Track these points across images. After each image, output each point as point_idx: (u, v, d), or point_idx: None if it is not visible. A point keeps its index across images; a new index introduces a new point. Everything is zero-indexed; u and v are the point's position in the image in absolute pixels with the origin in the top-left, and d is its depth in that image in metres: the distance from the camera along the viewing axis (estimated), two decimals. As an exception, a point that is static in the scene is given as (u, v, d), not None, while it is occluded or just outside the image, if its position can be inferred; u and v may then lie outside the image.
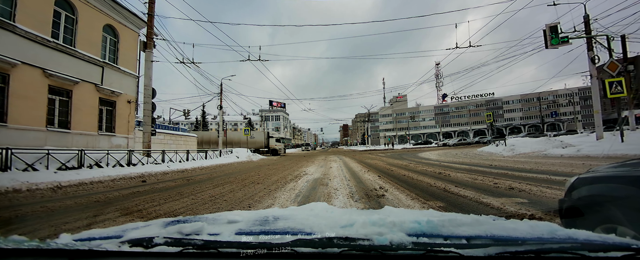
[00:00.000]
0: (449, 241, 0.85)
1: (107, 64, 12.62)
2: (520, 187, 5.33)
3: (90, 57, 11.80)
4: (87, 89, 11.74)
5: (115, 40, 13.30)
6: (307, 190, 5.91)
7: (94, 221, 3.69)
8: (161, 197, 5.43)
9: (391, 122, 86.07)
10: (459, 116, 77.52)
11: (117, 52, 13.34)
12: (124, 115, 13.59)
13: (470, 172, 7.96)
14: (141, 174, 8.57)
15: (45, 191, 5.99)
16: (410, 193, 5.19)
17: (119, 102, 13.30)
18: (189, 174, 10.05)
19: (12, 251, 0.76)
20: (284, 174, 9.24)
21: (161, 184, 7.40)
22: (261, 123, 77.11)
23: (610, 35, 11.83)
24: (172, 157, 12.89)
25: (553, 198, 4.23)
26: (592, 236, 0.86)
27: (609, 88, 9.68)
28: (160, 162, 11.35)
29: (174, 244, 0.82)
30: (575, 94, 69.24)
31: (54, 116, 10.54)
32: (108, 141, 12.58)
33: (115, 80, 13.05)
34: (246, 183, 7.36)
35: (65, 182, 6.55)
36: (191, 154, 14.40)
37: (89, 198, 5.37)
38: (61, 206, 4.80)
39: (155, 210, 4.28)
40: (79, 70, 11.37)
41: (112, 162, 9.30)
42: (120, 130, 13.34)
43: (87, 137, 11.61)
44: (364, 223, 0.94)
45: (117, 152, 9.93)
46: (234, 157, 17.78)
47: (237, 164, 15.57)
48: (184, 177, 8.80)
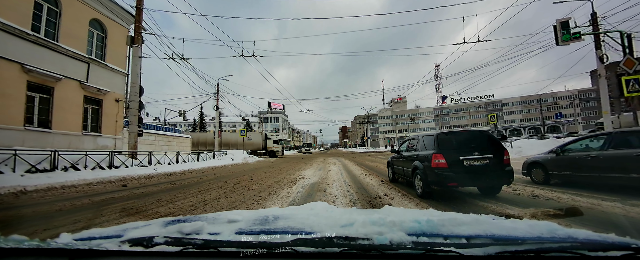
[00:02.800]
0: (448, 240, 0.85)
1: (93, 60, 11.93)
2: (544, 194, 4.81)
3: (75, 53, 11.11)
4: (71, 86, 11.04)
5: (103, 36, 12.62)
6: (302, 198, 5.24)
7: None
8: (135, 205, 4.74)
9: (390, 124, 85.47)
10: (458, 118, 76.98)
11: (104, 49, 12.64)
12: (112, 115, 12.88)
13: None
14: (122, 177, 7.87)
15: (5, 197, 5.29)
16: (421, 202, 4.52)
17: (106, 101, 12.58)
18: (176, 177, 9.34)
19: (12, 250, 0.76)
20: (278, 178, 8.56)
21: (142, 189, 6.71)
22: (259, 124, 76.47)
23: (622, 32, 11.24)
24: (161, 159, 12.16)
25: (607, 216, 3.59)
26: (592, 235, 0.87)
27: (626, 86, 9.07)
28: (146, 165, 10.63)
29: (174, 243, 0.82)
30: (576, 96, 68.92)
31: (33, 114, 9.82)
32: (93, 142, 11.86)
33: (102, 77, 12.35)
34: (235, 188, 6.69)
35: (31, 186, 5.84)
36: (182, 155, 13.66)
37: (51, 206, 4.67)
38: (15, 215, 4.12)
39: (119, 223, 3.60)
40: (63, 66, 10.68)
41: (91, 164, 8.57)
42: (107, 130, 12.62)
43: (70, 137, 10.89)
44: (364, 222, 0.95)
45: (97, 154, 9.19)
46: (229, 159, 17.07)
47: (232, 166, 14.86)
48: (169, 181, 8.11)
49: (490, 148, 4.56)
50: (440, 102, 78.48)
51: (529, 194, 4.83)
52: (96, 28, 12.36)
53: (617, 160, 4.53)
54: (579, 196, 4.52)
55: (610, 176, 4.60)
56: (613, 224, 3.00)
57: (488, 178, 4.45)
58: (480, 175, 4.39)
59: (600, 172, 4.74)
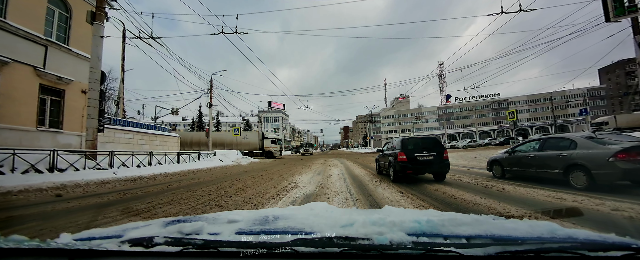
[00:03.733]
0: (449, 241, 0.85)
1: (53, 43, 10.13)
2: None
3: (29, 33, 9.31)
4: (22, 72, 9.23)
5: (67, 16, 10.82)
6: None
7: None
8: (45, 227, 2.90)
9: (393, 124, 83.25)
10: (463, 117, 74.69)
11: (68, 31, 10.85)
12: (77, 108, 11.08)
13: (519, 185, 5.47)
14: (61, 184, 6.04)
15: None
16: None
17: (70, 91, 10.79)
18: (139, 183, 7.50)
19: (12, 251, 0.76)
20: (265, 187, 6.72)
21: (76, 201, 4.90)
22: (258, 124, 74.69)
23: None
24: (128, 161, 10.30)
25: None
26: (592, 235, 0.87)
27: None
28: (106, 168, 8.79)
29: (174, 243, 0.82)
30: (585, 94, 66.45)
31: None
32: (52, 139, 10.06)
33: (65, 64, 10.56)
34: (206, 201, 4.88)
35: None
36: (157, 156, 11.77)
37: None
38: None
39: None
40: (11, 47, 8.88)
41: (23, 166, 6.76)
42: (70, 126, 10.82)
43: (20, 134, 9.09)
44: (364, 222, 0.95)
45: (32, 153, 7.32)
46: (217, 160, 15.21)
47: (218, 169, 13.01)
48: (126, 189, 6.30)
49: (434, 148, 6.70)
50: (444, 101, 76.30)
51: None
52: (58, 6, 10.56)
53: (545, 159, 5.74)
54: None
55: (542, 171, 5.81)
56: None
57: (432, 168, 6.61)
58: (427, 166, 6.57)
59: (536, 168, 5.96)
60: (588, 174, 4.77)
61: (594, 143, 4.99)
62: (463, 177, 7.41)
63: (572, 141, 5.34)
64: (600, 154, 4.69)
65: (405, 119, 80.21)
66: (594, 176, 4.68)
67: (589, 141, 5.09)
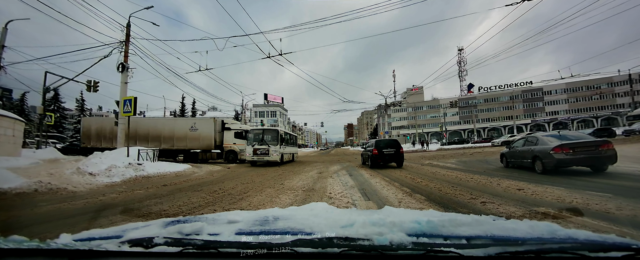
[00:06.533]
0: (449, 241, 0.85)
1: None
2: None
3: None
4: None
5: None
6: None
7: None
8: None
9: (405, 118, 73.26)
10: (487, 110, 64.29)
11: None
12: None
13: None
14: None
15: None
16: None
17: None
18: None
19: (12, 251, 0.76)
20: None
21: None
22: (242, 117, 66.40)
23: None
24: None
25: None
26: (592, 236, 0.87)
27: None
28: None
29: (174, 244, 0.82)
30: (638, 80, 54.56)
31: None
32: None
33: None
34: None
35: None
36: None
37: None
38: None
39: None
40: None
41: None
42: None
43: None
44: (364, 223, 0.95)
45: None
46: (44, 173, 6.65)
47: None
48: None
49: (395, 146, 11.16)
50: (466, 91, 66.06)
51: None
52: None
53: (525, 152, 7.99)
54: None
55: (523, 161, 8.00)
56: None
57: (393, 159, 10.95)
58: (390, 158, 10.91)
59: (521, 160, 8.15)
60: (541, 162, 7.06)
61: (546, 140, 7.34)
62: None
63: (538, 139, 7.73)
64: (546, 148, 7.00)
65: (420, 112, 70.07)
66: (544, 164, 6.96)
67: (545, 138, 7.47)
